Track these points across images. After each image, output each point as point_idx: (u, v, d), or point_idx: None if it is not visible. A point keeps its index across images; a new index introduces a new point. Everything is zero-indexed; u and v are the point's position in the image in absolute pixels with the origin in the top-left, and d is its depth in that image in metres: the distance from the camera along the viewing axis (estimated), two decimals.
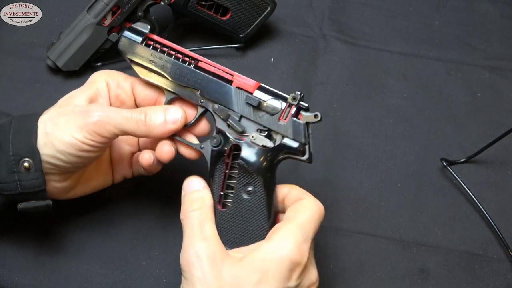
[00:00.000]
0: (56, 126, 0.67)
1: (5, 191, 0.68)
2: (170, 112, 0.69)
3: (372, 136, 0.89)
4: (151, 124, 0.68)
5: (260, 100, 0.69)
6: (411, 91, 0.94)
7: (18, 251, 0.77)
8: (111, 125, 0.67)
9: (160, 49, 0.71)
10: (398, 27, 1.00)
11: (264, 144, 0.69)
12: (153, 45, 0.71)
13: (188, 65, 0.70)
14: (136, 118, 0.68)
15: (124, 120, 0.67)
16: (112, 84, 0.73)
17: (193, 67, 0.70)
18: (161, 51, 0.71)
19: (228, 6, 0.90)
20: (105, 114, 0.67)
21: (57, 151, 0.67)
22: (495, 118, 0.92)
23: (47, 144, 0.67)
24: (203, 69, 0.71)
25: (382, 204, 0.84)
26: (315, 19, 1.00)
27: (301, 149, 0.68)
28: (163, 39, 0.72)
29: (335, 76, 0.94)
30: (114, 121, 0.67)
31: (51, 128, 0.67)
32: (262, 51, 0.95)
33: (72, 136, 0.66)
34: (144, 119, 0.68)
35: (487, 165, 0.88)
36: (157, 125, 0.68)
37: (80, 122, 0.67)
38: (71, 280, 0.76)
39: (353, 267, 0.80)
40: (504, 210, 0.84)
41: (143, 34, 0.72)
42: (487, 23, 1.01)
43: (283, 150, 0.69)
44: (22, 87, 0.89)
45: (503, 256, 0.81)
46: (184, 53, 0.71)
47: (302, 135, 0.68)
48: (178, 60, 0.70)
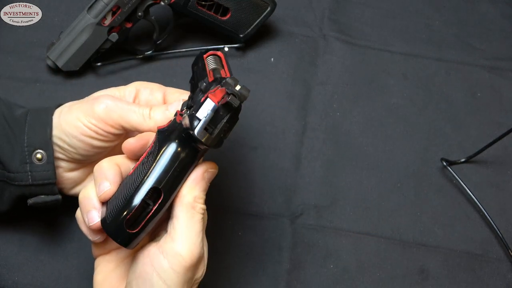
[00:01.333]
0: (69, 111, 0.70)
1: (16, 181, 0.70)
2: (173, 105, 0.70)
3: (372, 136, 0.89)
4: (155, 116, 0.69)
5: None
6: (411, 91, 0.94)
7: (18, 251, 0.77)
8: (117, 114, 0.68)
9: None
10: (398, 27, 1.00)
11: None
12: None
13: None
14: (142, 110, 0.69)
15: (130, 111, 0.69)
16: (144, 91, 0.74)
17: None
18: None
19: (228, 6, 0.90)
20: (114, 103, 0.69)
21: (63, 132, 0.69)
22: (495, 118, 0.92)
23: (57, 126, 0.70)
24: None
25: (382, 204, 0.84)
26: (315, 19, 0.99)
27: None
28: None
29: (335, 76, 0.94)
30: (120, 110, 0.69)
31: (65, 112, 0.70)
32: (262, 51, 0.95)
33: (79, 119, 0.69)
34: (149, 112, 0.69)
35: (487, 165, 0.88)
36: (161, 117, 0.69)
37: (89, 108, 0.69)
38: (71, 280, 0.76)
39: (353, 267, 0.80)
40: (504, 210, 0.85)
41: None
42: (487, 23, 1.01)
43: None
44: (22, 87, 0.89)
45: (503, 256, 0.81)
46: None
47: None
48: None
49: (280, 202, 0.83)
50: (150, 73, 0.92)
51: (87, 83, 0.90)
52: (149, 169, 0.62)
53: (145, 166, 0.63)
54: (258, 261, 0.79)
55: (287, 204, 0.83)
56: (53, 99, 0.75)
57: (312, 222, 0.82)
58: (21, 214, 0.78)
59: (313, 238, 0.81)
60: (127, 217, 0.61)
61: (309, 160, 0.87)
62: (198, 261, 0.62)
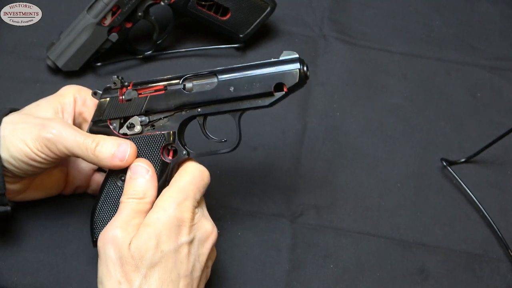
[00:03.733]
0: (13, 132, 0.69)
1: None
2: (121, 148, 0.70)
3: (372, 136, 0.89)
4: (99, 155, 0.69)
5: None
6: (411, 91, 0.94)
7: (18, 251, 0.77)
8: (62, 145, 0.69)
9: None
10: (398, 27, 1.00)
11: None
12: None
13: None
14: (87, 145, 0.69)
15: (75, 144, 0.69)
16: (79, 101, 0.75)
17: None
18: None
19: (228, 6, 0.90)
20: (59, 134, 0.69)
21: (10, 155, 0.69)
22: (495, 118, 0.92)
23: (2, 147, 0.69)
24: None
25: (382, 204, 0.84)
26: (315, 19, 0.99)
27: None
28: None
29: (335, 76, 0.94)
30: (65, 142, 0.69)
31: (9, 132, 0.69)
32: (262, 51, 0.95)
33: (26, 144, 0.68)
34: (94, 149, 0.69)
35: (487, 165, 0.88)
36: (104, 157, 0.70)
37: (35, 134, 0.68)
38: (71, 280, 0.76)
39: (353, 267, 0.80)
40: (504, 210, 0.84)
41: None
42: (487, 23, 1.01)
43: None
44: (22, 87, 0.89)
45: (503, 256, 0.81)
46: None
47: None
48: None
49: (280, 202, 0.83)
50: (150, 73, 0.92)
51: (87, 83, 0.90)
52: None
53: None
54: (258, 262, 0.79)
55: (287, 204, 0.83)
56: None
57: (312, 222, 0.82)
58: (21, 214, 0.78)
59: (313, 238, 0.81)
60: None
61: (309, 160, 0.87)
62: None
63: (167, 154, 0.72)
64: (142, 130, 0.72)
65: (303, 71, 0.69)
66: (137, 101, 0.72)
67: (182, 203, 0.67)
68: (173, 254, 0.65)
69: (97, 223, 0.72)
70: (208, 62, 0.94)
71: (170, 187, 0.69)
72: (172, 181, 0.70)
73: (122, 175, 0.71)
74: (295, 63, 0.69)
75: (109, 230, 0.66)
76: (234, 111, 0.71)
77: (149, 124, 0.72)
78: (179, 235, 0.66)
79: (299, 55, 0.70)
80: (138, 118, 0.72)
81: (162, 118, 0.71)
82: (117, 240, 0.65)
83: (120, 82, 0.72)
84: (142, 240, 0.65)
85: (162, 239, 0.65)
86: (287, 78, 0.69)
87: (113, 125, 0.72)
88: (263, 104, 0.70)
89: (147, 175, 0.69)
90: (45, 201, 0.78)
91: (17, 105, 0.77)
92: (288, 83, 0.69)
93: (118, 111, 0.72)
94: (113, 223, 0.67)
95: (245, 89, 0.69)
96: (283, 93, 0.70)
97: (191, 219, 0.67)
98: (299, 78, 0.69)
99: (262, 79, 0.69)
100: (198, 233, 0.68)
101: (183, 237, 0.66)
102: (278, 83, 0.69)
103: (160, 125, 0.71)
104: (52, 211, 0.79)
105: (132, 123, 0.72)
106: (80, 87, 0.76)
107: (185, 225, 0.67)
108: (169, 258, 0.65)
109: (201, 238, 0.68)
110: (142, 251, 0.65)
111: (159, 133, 0.71)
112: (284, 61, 0.70)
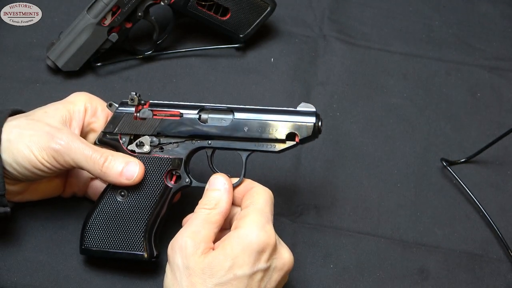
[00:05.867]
0: (20, 137, 0.69)
1: None
2: (129, 167, 0.70)
3: (372, 136, 0.89)
4: (106, 172, 0.70)
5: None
6: (411, 91, 0.94)
7: (18, 251, 0.77)
8: (70, 157, 0.69)
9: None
10: (398, 27, 1.00)
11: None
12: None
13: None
14: (95, 159, 0.69)
15: (83, 157, 0.69)
16: (89, 111, 0.74)
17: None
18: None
19: (228, 6, 0.90)
20: (68, 146, 0.69)
21: (14, 160, 0.68)
22: (495, 118, 0.92)
23: (6, 151, 0.68)
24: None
25: (382, 204, 0.84)
26: (315, 19, 0.99)
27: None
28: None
29: (335, 76, 0.94)
30: (73, 155, 0.69)
31: (15, 137, 0.69)
32: (262, 51, 0.95)
33: (32, 152, 0.68)
34: (102, 164, 0.69)
35: (487, 165, 0.88)
36: (111, 174, 0.70)
37: (43, 143, 0.68)
38: (71, 280, 0.76)
39: (353, 267, 0.80)
40: (504, 210, 0.84)
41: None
42: (487, 23, 1.01)
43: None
44: (22, 87, 0.89)
45: (503, 256, 0.81)
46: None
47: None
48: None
49: (280, 202, 0.83)
50: (150, 73, 0.92)
51: (87, 83, 0.90)
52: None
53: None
54: None
55: (287, 204, 0.83)
56: (53, 99, 0.75)
57: (312, 222, 0.82)
58: (21, 215, 0.78)
59: (313, 238, 0.81)
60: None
61: (309, 160, 0.87)
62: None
63: (170, 178, 0.73)
64: (151, 151, 0.72)
65: (318, 126, 0.71)
66: (151, 121, 0.72)
67: (264, 226, 0.66)
68: (246, 279, 0.65)
69: (88, 232, 0.73)
70: (208, 62, 0.94)
71: (249, 209, 0.68)
72: (248, 203, 0.69)
73: (122, 191, 0.72)
74: (312, 117, 0.71)
75: (178, 238, 0.66)
76: (243, 150, 0.72)
77: (158, 146, 0.72)
78: (257, 261, 0.65)
79: (315, 109, 0.72)
80: (148, 138, 0.72)
81: (172, 143, 0.72)
82: (186, 250, 0.65)
83: (137, 99, 0.73)
84: (217, 260, 0.64)
85: (238, 262, 0.64)
86: (301, 130, 0.71)
87: (123, 139, 0.73)
88: (272, 149, 0.72)
89: (222, 187, 0.70)
90: (44, 202, 0.78)
91: (17, 105, 0.77)
92: (301, 134, 0.71)
93: (130, 127, 0.72)
94: (182, 232, 0.67)
95: (258, 132, 0.71)
96: (294, 143, 0.72)
97: (274, 246, 0.67)
98: (313, 132, 0.71)
99: (276, 126, 0.71)
100: (276, 261, 0.67)
101: (261, 264, 0.66)
102: (291, 132, 0.71)
103: (169, 149, 0.72)
104: (51, 212, 0.79)
105: (142, 142, 0.72)
106: (92, 96, 0.76)
107: (267, 252, 0.66)
108: (241, 282, 0.64)
109: (278, 266, 0.67)
110: (214, 270, 0.64)
111: (167, 157, 0.72)
112: (301, 112, 0.72)
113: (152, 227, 0.73)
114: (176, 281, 0.65)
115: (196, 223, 0.67)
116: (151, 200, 0.72)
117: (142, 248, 0.72)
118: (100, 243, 0.72)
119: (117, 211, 0.72)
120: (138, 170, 0.70)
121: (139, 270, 0.77)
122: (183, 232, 0.67)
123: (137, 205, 0.72)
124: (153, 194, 0.72)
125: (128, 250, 0.72)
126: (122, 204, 0.72)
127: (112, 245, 0.72)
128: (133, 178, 0.70)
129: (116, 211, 0.72)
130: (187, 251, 0.65)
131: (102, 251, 0.72)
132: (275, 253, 0.67)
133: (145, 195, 0.72)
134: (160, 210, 0.73)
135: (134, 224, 0.72)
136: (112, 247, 0.72)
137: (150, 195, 0.72)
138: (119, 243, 0.72)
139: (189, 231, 0.66)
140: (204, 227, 0.67)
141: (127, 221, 0.72)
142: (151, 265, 0.77)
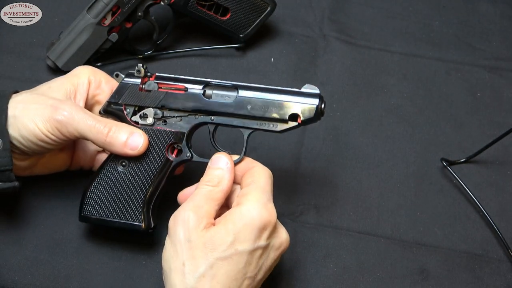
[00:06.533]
0: (24, 111, 0.70)
1: None
2: (133, 138, 0.71)
3: (372, 136, 0.89)
4: (111, 141, 0.70)
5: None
6: (411, 91, 0.94)
7: (18, 251, 0.77)
8: (73, 128, 0.69)
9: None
10: (398, 27, 1.00)
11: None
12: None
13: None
14: (99, 129, 0.70)
15: (86, 127, 0.70)
16: (93, 83, 0.75)
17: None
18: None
19: (228, 6, 0.90)
20: (71, 116, 0.69)
21: (19, 135, 0.69)
22: (495, 118, 0.92)
23: (12, 126, 0.69)
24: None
25: (382, 204, 0.84)
26: (315, 19, 1.00)
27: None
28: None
29: (335, 76, 0.94)
30: (77, 125, 0.69)
31: (20, 112, 0.70)
32: (262, 51, 0.95)
33: (36, 125, 0.69)
34: (106, 133, 0.70)
35: (487, 165, 0.88)
36: (116, 144, 0.71)
37: (47, 115, 0.69)
38: (71, 280, 0.76)
39: (353, 267, 0.80)
40: (504, 210, 0.84)
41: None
42: (487, 23, 1.01)
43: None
44: (22, 87, 0.89)
45: (503, 256, 0.81)
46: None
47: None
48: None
49: (280, 202, 0.83)
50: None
51: None
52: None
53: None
54: None
55: (287, 204, 0.83)
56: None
57: (312, 222, 0.82)
58: (21, 213, 0.78)
59: (313, 237, 0.81)
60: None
61: (309, 160, 0.87)
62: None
63: (172, 152, 0.73)
64: (154, 123, 0.73)
65: (320, 108, 0.71)
66: (156, 94, 0.73)
67: (266, 205, 0.68)
68: (246, 255, 0.66)
69: (88, 200, 0.74)
70: (208, 62, 0.94)
71: (251, 187, 0.69)
72: (250, 182, 0.70)
73: (124, 161, 0.73)
74: (315, 99, 0.71)
75: (180, 212, 0.67)
76: (245, 128, 0.72)
77: (162, 119, 0.73)
78: (258, 238, 0.66)
79: (319, 91, 0.72)
80: (152, 110, 0.73)
81: (175, 116, 0.73)
82: (188, 223, 0.66)
83: (144, 71, 0.74)
84: (219, 234, 0.65)
85: (239, 238, 0.65)
86: (304, 111, 0.71)
87: (127, 110, 0.73)
88: (274, 129, 0.72)
89: (225, 166, 0.70)
90: (44, 201, 0.79)
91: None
92: (303, 116, 0.71)
93: (135, 98, 0.73)
94: (185, 206, 0.68)
95: (261, 110, 0.71)
96: (296, 124, 0.72)
97: (274, 225, 0.68)
98: (315, 114, 0.71)
99: (279, 105, 0.71)
100: (275, 240, 0.68)
101: (261, 241, 0.67)
102: (294, 113, 0.71)
103: (172, 122, 0.73)
104: (52, 210, 0.79)
105: (145, 114, 0.73)
106: (95, 68, 0.77)
107: (267, 230, 0.67)
108: (241, 257, 0.65)
109: (276, 245, 0.69)
110: (216, 244, 0.65)
111: (170, 130, 0.73)
112: (305, 94, 0.72)
113: (151, 199, 0.73)
114: (177, 253, 0.65)
115: (199, 198, 0.68)
116: (151, 172, 0.73)
117: (140, 219, 0.73)
118: (99, 211, 0.73)
119: (117, 180, 0.73)
120: (142, 141, 0.71)
121: (139, 270, 0.77)
122: (186, 206, 0.67)
123: (137, 176, 0.73)
124: (154, 166, 0.73)
125: (126, 220, 0.73)
126: (123, 174, 0.73)
127: (111, 214, 0.73)
128: (137, 148, 0.71)
129: (116, 180, 0.73)
130: (190, 224, 0.66)
131: (101, 219, 0.73)
132: (275, 232, 0.68)
133: (146, 167, 0.73)
134: (160, 183, 0.73)
135: (133, 195, 0.73)
136: (111, 216, 0.73)
137: (151, 167, 0.73)
138: (118, 213, 0.73)
139: (192, 205, 0.67)
140: (206, 203, 0.68)
141: (127, 191, 0.73)
142: (152, 264, 0.77)
